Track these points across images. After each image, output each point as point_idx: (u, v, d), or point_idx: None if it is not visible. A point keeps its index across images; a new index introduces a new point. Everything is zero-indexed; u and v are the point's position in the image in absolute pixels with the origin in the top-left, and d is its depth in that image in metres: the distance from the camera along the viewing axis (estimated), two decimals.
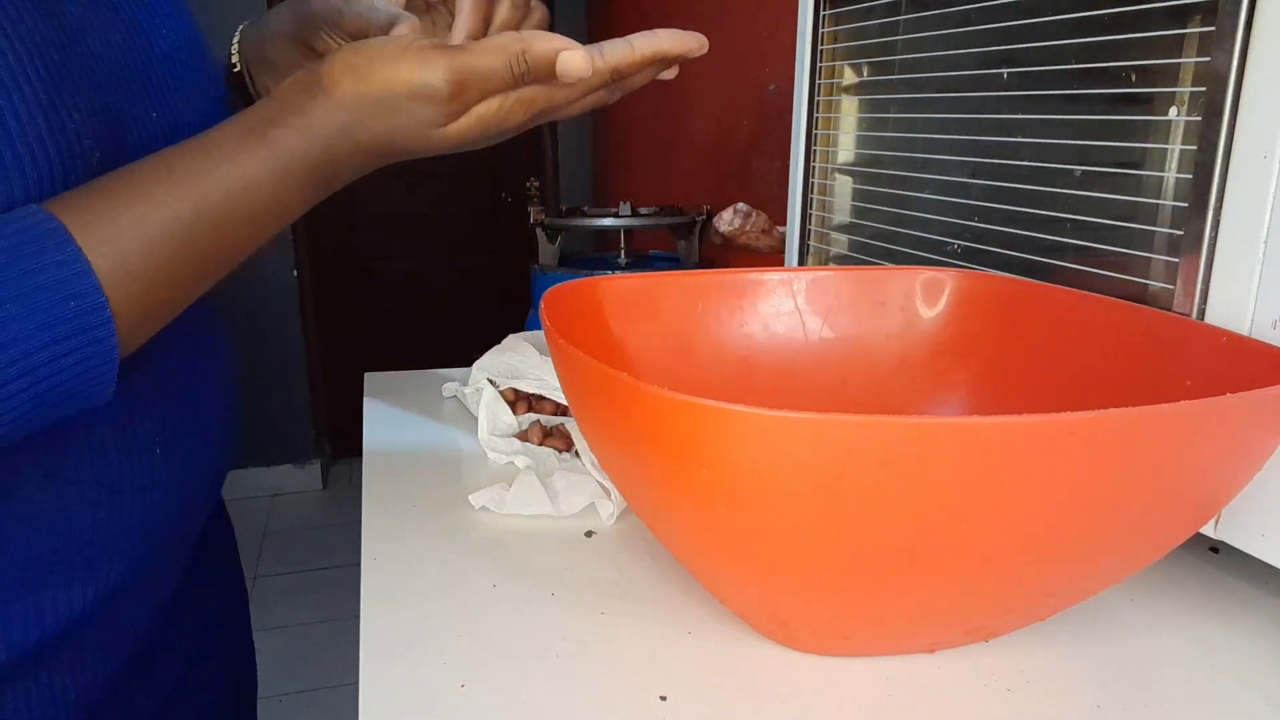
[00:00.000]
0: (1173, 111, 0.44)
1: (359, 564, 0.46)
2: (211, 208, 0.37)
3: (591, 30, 2.86)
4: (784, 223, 0.80)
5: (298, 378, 2.71)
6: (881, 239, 0.68)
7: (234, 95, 0.54)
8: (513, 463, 0.59)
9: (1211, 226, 0.42)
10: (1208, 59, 0.41)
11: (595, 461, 0.55)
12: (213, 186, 0.37)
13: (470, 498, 0.53)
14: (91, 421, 0.40)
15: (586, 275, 0.72)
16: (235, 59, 0.53)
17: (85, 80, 0.38)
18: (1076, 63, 0.50)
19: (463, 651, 0.39)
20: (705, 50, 0.42)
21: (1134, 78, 0.47)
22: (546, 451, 0.60)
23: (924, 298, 0.55)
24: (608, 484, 0.53)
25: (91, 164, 0.37)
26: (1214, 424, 0.31)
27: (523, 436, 0.62)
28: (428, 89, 0.37)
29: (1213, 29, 0.41)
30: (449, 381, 0.74)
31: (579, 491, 0.53)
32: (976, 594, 0.35)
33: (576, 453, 0.59)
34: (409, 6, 0.49)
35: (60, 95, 0.36)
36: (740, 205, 1.08)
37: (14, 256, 0.32)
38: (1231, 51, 0.40)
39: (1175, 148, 0.45)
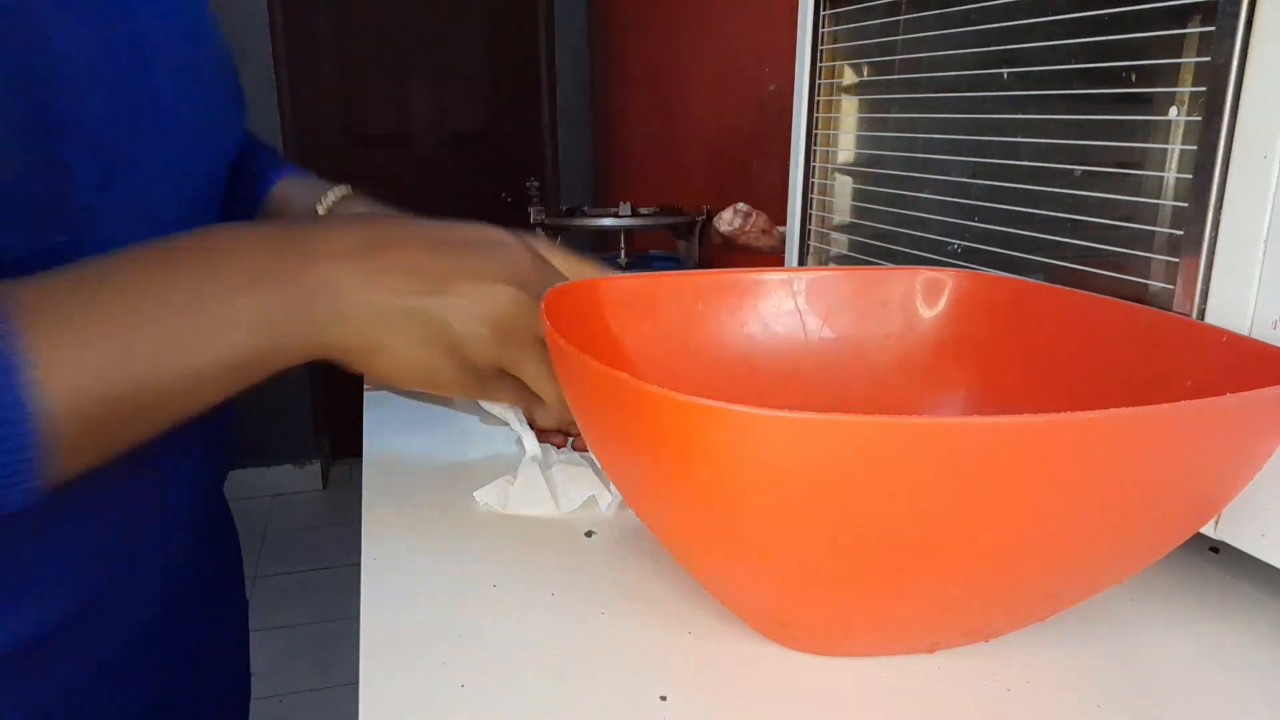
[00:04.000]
0: (1173, 111, 0.44)
1: (359, 564, 0.46)
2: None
3: (593, 28, 2.85)
4: (784, 223, 0.80)
5: (298, 378, 2.71)
6: (881, 239, 0.68)
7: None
8: (520, 441, 0.58)
9: (1211, 226, 0.42)
10: (1208, 59, 0.41)
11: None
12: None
13: (476, 494, 0.53)
14: None
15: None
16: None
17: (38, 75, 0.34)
18: (1076, 63, 0.50)
19: (463, 651, 0.39)
20: None
21: (1134, 78, 0.47)
22: (546, 447, 0.60)
23: (924, 298, 0.55)
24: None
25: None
26: (1214, 424, 0.31)
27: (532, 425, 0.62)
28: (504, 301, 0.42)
29: (1213, 29, 0.41)
30: None
31: (577, 485, 0.53)
32: (976, 594, 0.35)
33: (573, 445, 0.60)
34: None
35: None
36: (740, 205, 1.08)
37: None
38: (1231, 51, 0.40)
39: (1175, 148, 0.45)
